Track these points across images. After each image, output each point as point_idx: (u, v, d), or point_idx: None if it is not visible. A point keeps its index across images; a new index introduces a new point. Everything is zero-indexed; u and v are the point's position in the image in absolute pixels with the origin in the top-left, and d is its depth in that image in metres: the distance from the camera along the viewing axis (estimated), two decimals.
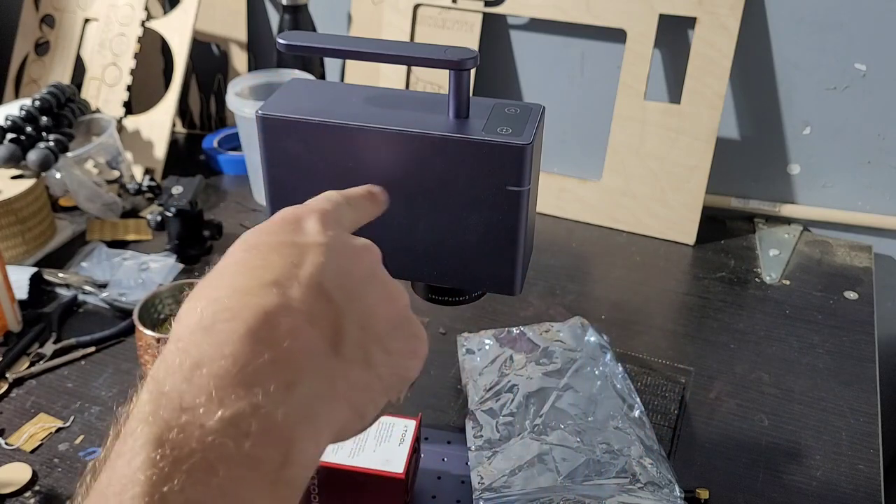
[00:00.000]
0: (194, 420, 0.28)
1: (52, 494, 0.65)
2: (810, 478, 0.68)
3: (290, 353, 0.31)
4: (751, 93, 1.00)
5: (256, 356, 0.30)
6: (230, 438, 0.28)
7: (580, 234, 1.03)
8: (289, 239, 0.36)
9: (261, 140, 0.49)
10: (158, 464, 0.27)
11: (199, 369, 0.30)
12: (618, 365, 0.72)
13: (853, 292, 0.92)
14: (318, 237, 0.37)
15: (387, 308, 0.38)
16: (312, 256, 0.35)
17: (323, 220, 0.38)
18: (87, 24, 1.18)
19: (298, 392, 0.31)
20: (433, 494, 0.64)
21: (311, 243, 0.36)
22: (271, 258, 0.35)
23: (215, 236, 0.98)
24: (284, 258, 0.35)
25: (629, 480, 0.60)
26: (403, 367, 0.38)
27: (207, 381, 0.29)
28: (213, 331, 0.31)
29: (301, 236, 0.36)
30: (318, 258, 0.35)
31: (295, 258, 0.35)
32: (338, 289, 0.35)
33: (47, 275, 0.90)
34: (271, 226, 0.37)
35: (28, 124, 0.99)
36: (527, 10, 1.03)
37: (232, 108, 1.00)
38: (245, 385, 0.30)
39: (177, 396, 0.29)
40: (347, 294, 0.36)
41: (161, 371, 0.30)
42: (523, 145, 0.45)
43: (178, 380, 0.30)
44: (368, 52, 0.46)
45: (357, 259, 0.38)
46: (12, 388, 0.76)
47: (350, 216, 0.42)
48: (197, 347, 0.30)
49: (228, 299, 0.32)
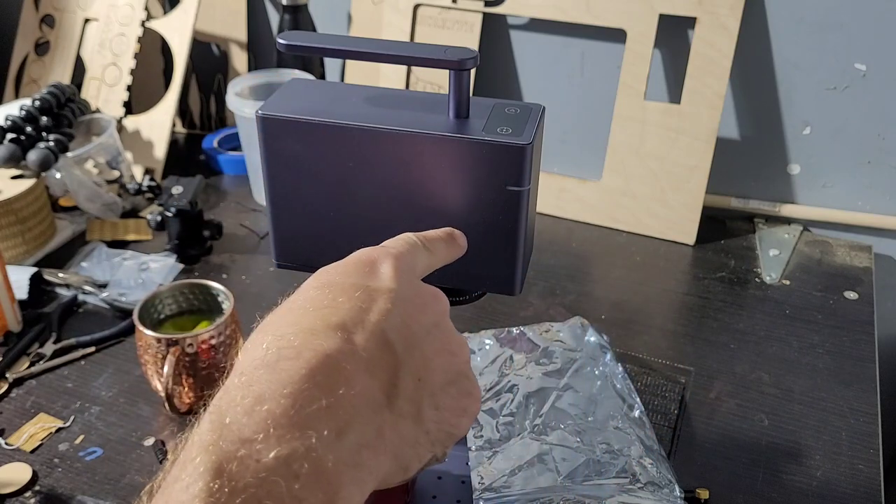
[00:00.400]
0: (251, 454, 0.29)
1: (52, 494, 0.65)
2: (810, 478, 0.68)
3: (346, 400, 0.32)
4: (751, 93, 1.00)
5: (313, 400, 0.31)
6: (282, 477, 0.29)
7: (580, 234, 1.03)
8: (361, 282, 0.37)
9: (261, 140, 0.49)
10: (215, 493, 0.28)
11: (261, 405, 0.30)
12: (618, 365, 0.72)
13: (853, 292, 0.92)
14: (389, 283, 0.37)
15: (445, 361, 0.38)
16: (381, 303, 0.36)
17: (397, 264, 0.38)
18: (87, 24, 1.18)
19: (348, 439, 0.32)
20: (433, 494, 0.64)
21: (382, 289, 0.36)
22: (340, 300, 0.35)
23: (215, 236, 0.98)
24: (353, 301, 0.35)
25: (629, 480, 0.60)
26: (453, 424, 0.38)
27: (267, 418, 0.30)
28: (276, 368, 0.32)
29: (373, 280, 0.37)
30: (385, 305, 0.36)
31: (364, 303, 0.35)
32: (400, 339, 0.36)
33: (47, 275, 0.90)
34: (346, 266, 0.38)
35: (28, 124, 0.99)
36: (527, 10, 1.03)
37: (232, 108, 1.00)
38: (300, 427, 0.30)
39: (237, 429, 0.30)
40: (409, 344, 0.36)
41: (224, 402, 0.31)
42: (523, 145, 0.45)
43: (239, 413, 0.30)
44: (368, 52, 0.46)
45: (424, 309, 0.38)
46: (12, 388, 0.76)
47: (425, 260, 0.42)
48: (259, 383, 0.31)
49: (294, 337, 0.33)
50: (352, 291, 0.36)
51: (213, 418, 0.30)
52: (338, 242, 0.51)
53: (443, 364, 0.38)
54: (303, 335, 0.33)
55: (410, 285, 0.38)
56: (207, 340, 0.70)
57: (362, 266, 0.38)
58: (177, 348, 0.68)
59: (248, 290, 0.91)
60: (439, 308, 0.39)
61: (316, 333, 0.33)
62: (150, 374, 0.72)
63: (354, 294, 0.36)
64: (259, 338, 0.34)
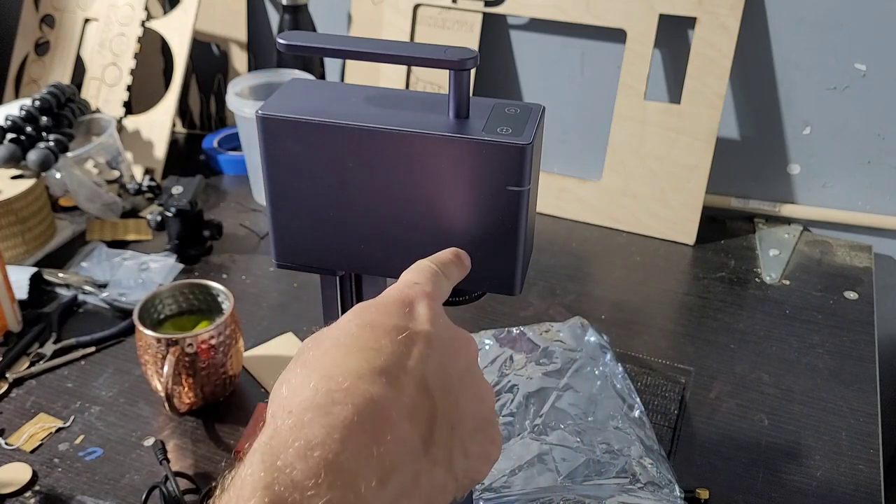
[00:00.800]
0: (303, 499, 0.30)
1: (52, 494, 0.65)
2: (810, 478, 0.68)
3: (391, 447, 0.33)
4: (751, 93, 1.00)
5: (362, 447, 0.32)
6: None
7: (580, 234, 1.03)
8: (402, 323, 0.37)
9: (261, 140, 0.49)
10: None
11: (312, 451, 0.31)
12: (618, 365, 0.72)
13: (853, 292, 0.92)
14: (427, 325, 0.38)
15: (475, 408, 0.39)
16: (420, 346, 0.36)
17: (431, 304, 0.39)
18: (87, 24, 1.18)
19: (390, 487, 0.32)
20: None
21: (421, 332, 0.37)
22: (384, 342, 0.36)
23: (215, 236, 0.98)
24: (395, 345, 0.36)
25: (629, 480, 0.60)
26: (476, 470, 0.39)
27: (318, 464, 0.30)
28: (327, 412, 0.32)
29: (413, 322, 0.38)
30: (424, 349, 0.36)
31: (405, 346, 0.36)
32: (438, 385, 0.36)
33: (47, 275, 0.90)
34: (385, 306, 0.38)
35: (28, 124, 0.99)
36: (527, 10, 1.03)
37: (232, 108, 1.00)
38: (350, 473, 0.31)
39: (290, 472, 0.30)
40: (445, 390, 0.37)
41: (275, 442, 0.31)
42: (523, 145, 0.45)
43: (292, 457, 0.31)
44: (368, 52, 0.46)
45: (458, 353, 0.39)
46: (12, 388, 0.76)
47: (446, 289, 0.43)
48: (310, 428, 0.32)
49: (342, 379, 0.33)
50: (394, 334, 0.36)
51: (266, 458, 0.31)
52: (338, 242, 0.51)
53: (473, 411, 0.39)
54: (351, 378, 0.34)
55: (446, 328, 0.39)
56: (207, 340, 0.70)
57: (401, 306, 0.38)
58: (177, 348, 0.68)
59: (248, 290, 0.91)
60: (471, 353, 0.40)
61: (363, 377, 0.34)
62: (150, 374, 0.72)
63: (396, 337, 0.36)
64: (306, 375, 0.34)
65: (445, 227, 0.49)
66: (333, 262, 0.52)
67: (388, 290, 0.40)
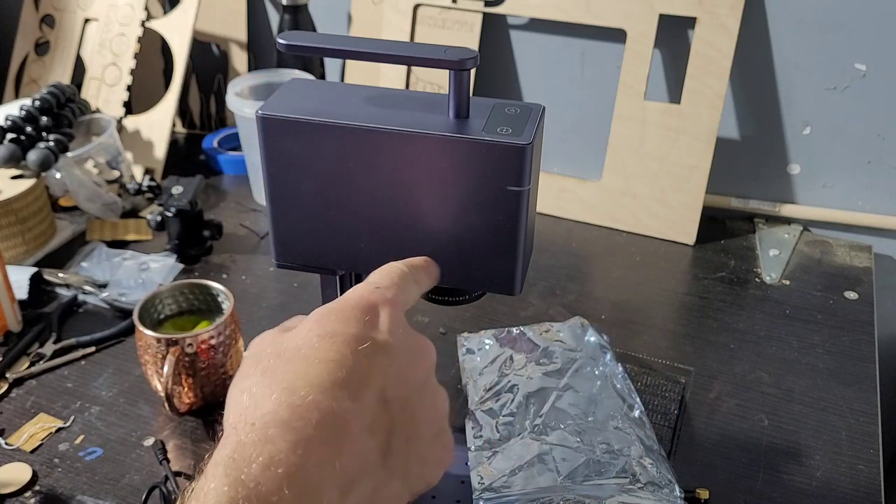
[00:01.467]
0: None
1: (52, 494, 0.65)
2: (810, 478, 0.68)
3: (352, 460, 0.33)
4: (751, 93, 1.00)
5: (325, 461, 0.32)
6: None
7: (580, 234, 1.03)
8: (363, 332, 0.37)
9: (261, 140, 0.49)
10: None
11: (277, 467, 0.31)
12: (618, 365, 0.72)
13: (853, 292, 0.92)
14: (387, 336, 0.38)
15: (431, 418, 0.39)
16: (381, 357, 0.37)
17: (393, 314, 0.39)
18: (87, 24, 1.18)
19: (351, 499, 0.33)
20: (433, 495, 0.64)
21: (382, 343, 0.37)
22: (345, 352, 0.36)
23: (215, 236, 0.98)
24: (357, 356, 0.36)
25: (629, 480, 0.60)
26: (430, 475, 0.39)
27: (282, 479, 0.31)
28: (289, 428, 0.32)
29: (374, 331, 0.38)
30: (385, 360, 0.37)
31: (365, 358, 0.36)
32: (396, 397, 0.37)
33: (47, 275, 0.90)
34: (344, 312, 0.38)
35: (28, 124, 0.99)
36: (527, 10, 1.03)
37: (232, 108, 1.00)
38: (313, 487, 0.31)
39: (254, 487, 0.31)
40: (403, 402, 0.37)
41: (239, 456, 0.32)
42: (523, 145, 0.45)
43: (256, 472, 0.31)
44: (368, 52, 0.46)
45: (417, 364, 0.39)
46: (12, 388, 0.76)
47: (414, 294, 0.43)
48: (274, 443, 0.32)
49: (305, 393, 0.34)
50: (355, 344, 0.36)
51: (230, 472, 0.31)
52: (337, 242, 0.51)
53: (429, 420, 0.39)
54: (313, 392, 0.34)
55: (406, 337, 0.39)
56: (207, 340, 0.70)
57: (362, 313, 0.38)
58: (176, 348, 0.68)
59: (248, 290, 0.91)
60: (428, 363, 0.40)
61: (325, 391, 0.34)
62: (150, 374, 0.72)
63: (357, 347, 0.36)
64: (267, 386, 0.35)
65: (445, 227, 0.49)
66: (333, 262, 0.52)
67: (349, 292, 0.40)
